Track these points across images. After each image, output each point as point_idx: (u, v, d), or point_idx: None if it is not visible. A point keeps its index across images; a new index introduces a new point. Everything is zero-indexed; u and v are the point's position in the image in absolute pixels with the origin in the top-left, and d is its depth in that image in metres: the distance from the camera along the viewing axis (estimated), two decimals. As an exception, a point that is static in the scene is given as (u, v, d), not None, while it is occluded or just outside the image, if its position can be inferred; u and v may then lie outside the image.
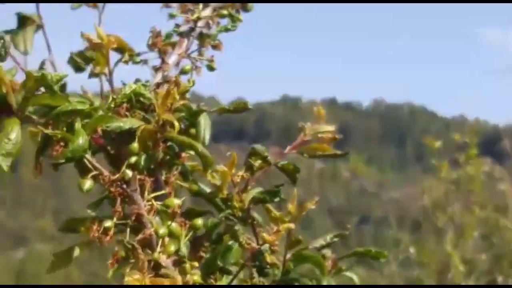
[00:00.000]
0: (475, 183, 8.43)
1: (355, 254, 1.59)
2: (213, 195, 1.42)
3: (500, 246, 8.27)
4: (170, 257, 1.32)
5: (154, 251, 1.30)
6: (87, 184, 1.28)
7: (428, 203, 8.53)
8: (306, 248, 1.46)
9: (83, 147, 1.26)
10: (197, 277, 1.32)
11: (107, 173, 1.31)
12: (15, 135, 1.25)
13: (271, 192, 1.42)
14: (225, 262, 1.38)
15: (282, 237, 1.41)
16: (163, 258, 1.30)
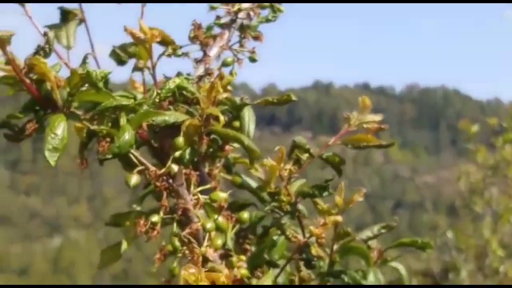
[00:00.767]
0: (512, 167, 8.34)
1: (401, 245, 1.57)
2: (261, 188, 1.40)
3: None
4: (217, 250, 1.31)
5: (201, 245, 1.29)
6: (133, 179, 1.28)
7: (464, 188, 8.46)
8: (353, 239, 1.44)
9: (130, 142, 1.26)
10: (244, 270, 1.31)
11: (153, 168, 1.30)
12: (61, 131, 1.25)
13: (320, 186, 1.40)
14: (271, 255, 1.38)
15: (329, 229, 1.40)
16: (210, 252, 1.29)
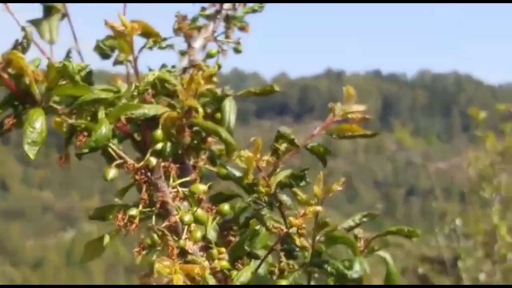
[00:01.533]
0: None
1: (388, 233, 1.57)
2: (240, 180, 1.40)
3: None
4: (197, 243, 1.31)
5: (180, 237, 1.29)
6: (111, 173, 1.28)
7: (473, 174, 8.44)
8: (335, 229, 1.43)
9: (107, 136, 1.26)
10: (224, 262, 1.31)
11: (131, 161, 1.30)
12: (39, 125, 1.25)
13: (297, 176, 1.40)
14: (252, 246, 1.37)
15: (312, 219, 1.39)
16: (189, 244, 1.29)
